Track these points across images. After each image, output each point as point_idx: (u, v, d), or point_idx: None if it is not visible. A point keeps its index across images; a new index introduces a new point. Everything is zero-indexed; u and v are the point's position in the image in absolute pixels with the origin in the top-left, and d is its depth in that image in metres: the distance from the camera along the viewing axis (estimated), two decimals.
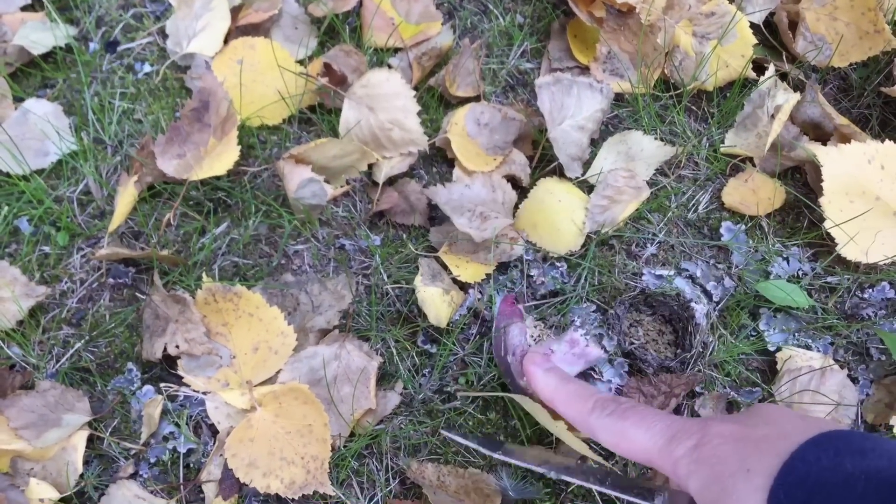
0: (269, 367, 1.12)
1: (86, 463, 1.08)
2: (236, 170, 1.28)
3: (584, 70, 1.40)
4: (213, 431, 1.11)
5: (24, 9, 1.39)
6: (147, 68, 1.38)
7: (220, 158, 1.19)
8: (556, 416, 0.99)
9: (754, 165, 1.32)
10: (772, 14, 1.43)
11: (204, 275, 1.15)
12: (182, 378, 1.10)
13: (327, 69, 1.31)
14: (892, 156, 1.23)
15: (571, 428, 0.98)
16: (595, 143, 1.33)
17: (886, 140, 1.24)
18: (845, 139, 1.28)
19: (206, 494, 1.05)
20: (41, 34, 1.35)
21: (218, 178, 1.25)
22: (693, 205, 1.31)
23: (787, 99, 1.29)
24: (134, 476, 1.08)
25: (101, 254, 1.15)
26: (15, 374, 1.09)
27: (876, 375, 1.20)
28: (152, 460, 1.09)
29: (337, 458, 1.10)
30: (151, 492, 1.06)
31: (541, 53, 1.44)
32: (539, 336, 1.14)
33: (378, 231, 1.28)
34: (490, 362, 1.16)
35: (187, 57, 1.36)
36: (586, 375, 1.15)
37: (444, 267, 1.22)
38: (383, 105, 1.27)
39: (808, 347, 1.21)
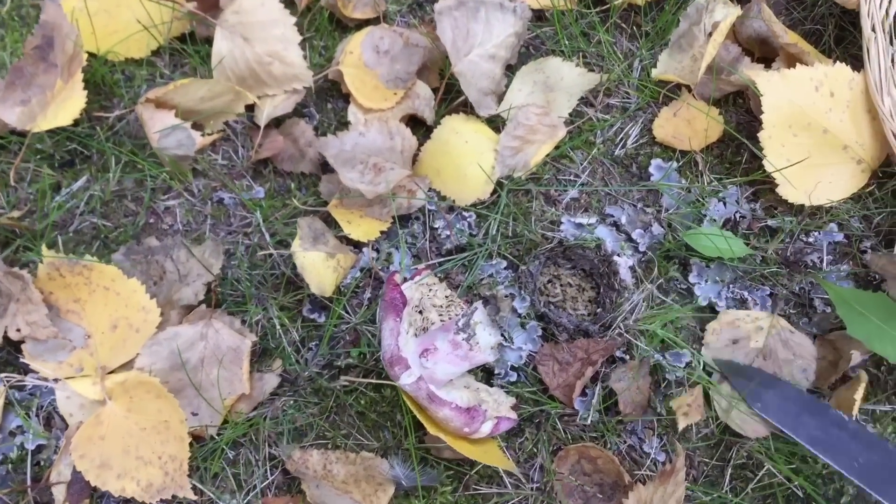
0: (130, 347, 0.98)
1: None
2: (95, 115, 1.11)
3: None
4: (67, 424, 0.98)
5: None
6: None
7: (67, 105, 1.03)
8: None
9: (691, 92, 1.16)
10: None
11: (44, 247, 1.00)
12: (29, 364, 0.97)
13: None
14: (843, 81, 1.07)
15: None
16: (510, 72, 1.16)
17: (837, 62, 1.08)
18: (792, 60, 1.12)
19: (56, 497, 0.93)
20: None
21: (74, 125, 1.08)
22: (621, 139, 1.16)
23: (726, 14, 1.11)
24: None
25: None
26: None
27: (820, 330, 1.08)
28: None
29: (207, 451, 0.98)
30: None
31: None
32: (446, 304, 1.01)
33: (263, 181, 1.13)
34: None
35: None
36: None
37: (334, 224, 1.07)
38: (260, 35, 1.09)
39: (743, 301, 1.08)
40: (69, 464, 0.93)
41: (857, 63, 1.09)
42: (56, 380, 0.97)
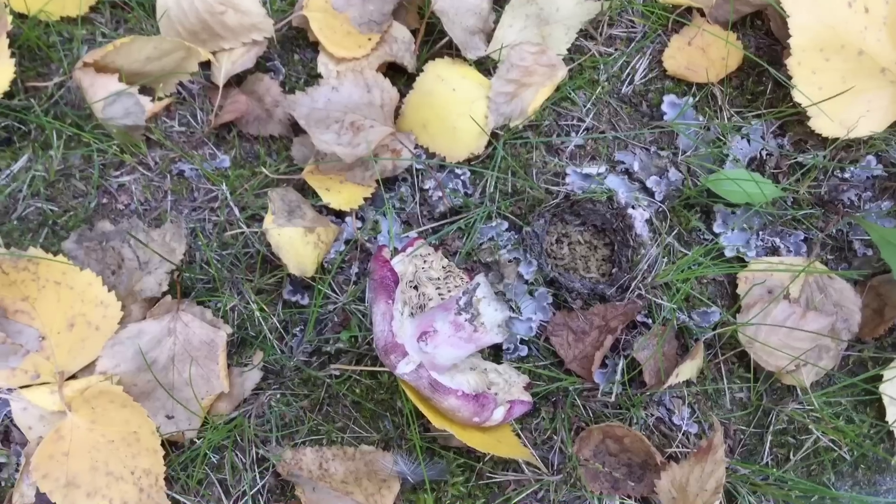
0: (90, 347, 0.87)
1: None
2: (30, 85, 0.97)
3: None
4: (27, 439, 0.87)
5: None
6: None
7: None
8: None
9: (704, 16, 1.02)
10: None
11: None
12: None
13: None
14: None
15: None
16: (498, 5, 1.02)
17: None
18: None
19: None
20: None
21: (8, 98, 0.95)
22: (628, 75, 1.03)
23: None
24: None
25: None
26: None
27: (863, 276, 0.97)
28: None
29: (188, 458, 0.87)
30: None
31: None
32: (443, 275, 0.89)
33: (228, 147, 1.00)
34: None
35: None
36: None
37: (311, 192, 0.95)
38: None
39: (775, 249, 0.97)
40: (31, 484, 0.82)
41: None
42: (10, 389, 0.85)
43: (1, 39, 0.90)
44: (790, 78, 0.95)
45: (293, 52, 1.04)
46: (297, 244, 0.88)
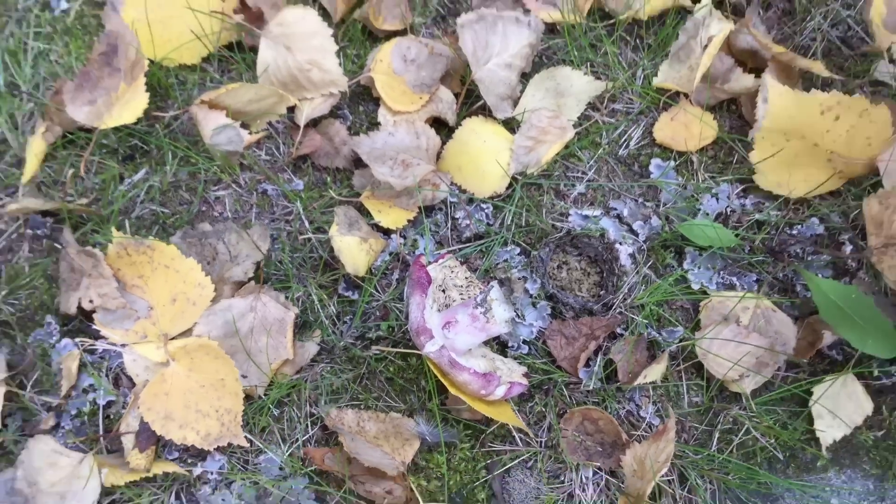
0: (188, 318, 1.12)
1: (6, 417, 1.09)
2: (153, 114, 1.24)
3: None
4: (134, 383, 1.12)
5: None
6: (64, 5, 1.33)
7: (130, 105, 1.16)
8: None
9: (688, 99, 1.29)
10: None
11: (114, 229, 1.14)
12: (100, 331, 1.11)
13: (243, 6, 1.26)
14: (854, 111, 1.15)
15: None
16: (525, 79, 1.29)
17: (857, 93, 1.20)
18: (784, 68, 1.25)
19: (125, 446, 1.07)
20: None
21: (136, 123, 1.22)
22: (624, 140, 1.28)
23: (720, 28, 1.24)
24: (56, 428, 1.10)
25: (12, 209, 1.14)
26: None
27: (801, 313, 1.21)
28: (73, 412, 1.11)
29: (256, 408, 1.11)
30: (71, 444, 1.08)
31: None
32: (465, 284, 1.14)
33: (302, 174, 1.26)
34: None
35: None
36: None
37: (367, 213, 1.21)
38: (300, 45, 1.23)
39: (731, 286, 1.21)
40: (137, 416, 1.07)
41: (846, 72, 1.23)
42: (123, 345, 1.10)
43: (140, 78, 1.17)
44: (751, 144, 1.20)
45: (359, 104, 1.31)
46: (353, 250, 1.14)
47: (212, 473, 1.08)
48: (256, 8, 1.26)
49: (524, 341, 1.17)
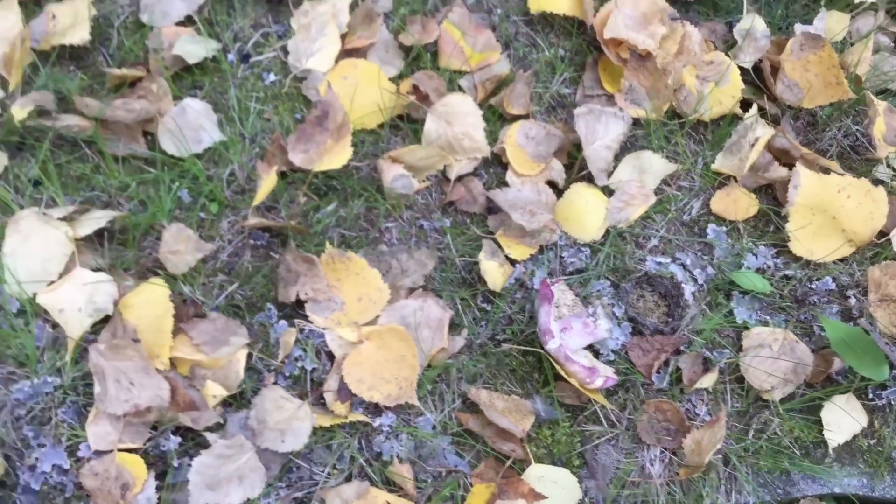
0: (370, 313, 1.52)
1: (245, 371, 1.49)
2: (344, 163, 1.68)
3: (610, 98, 1.79)
4: (330, 357, 1.52)
5: (178, 24, 1.77)
6: (272, 77, 1.77)
7: (337, 156, 1.59)
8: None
9: (737, 181, 1.73)
10: (759, 61, 1.82)
11: (327, 243, 1.56)
12: (307, 316, 1.51)
13: (415, 89, 1.71)
14: (861, 191, 1.62)
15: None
16: (617, 157, 1.73)
17: (863, 178, 1.65)
18: (810, 164, 1.69)
19: (327, 399, 1.46)
20: (193, 46, 1.73)
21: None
22: (687, 209, 1.72)
23: (764, 132, 1.69)
24: (275, 384, 1.49)
25: (250, 223, 1.56)
26: (188, 306, 1.50)
27: (817, 346, 1.62)
28: (287, 374, 1.50)
29: (417, 383, 1.52)
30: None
31: (577, 82, 1.83)
32: (572, 304, 1.55)
33: (448, 216, 1.68)
34: (530, 319, 1.58)
35: (305, 71, 1.75)
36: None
37: (499, 246, 1.63)
38: (458, 120, 1.67)
39: (765, 323, 1.63)
40: (337, 379, 1.46)
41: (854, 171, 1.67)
42: (325, 328, 1.51)
43: (346, 138, 1.59)
44: (786, 216, 1.63)
45: (492, 167, 1.73)
46: (495, 271, 1.56)
47: (385, 427, 1.47)
48: (424, 91, 1.70)
49: (612, 351, 1.58)
